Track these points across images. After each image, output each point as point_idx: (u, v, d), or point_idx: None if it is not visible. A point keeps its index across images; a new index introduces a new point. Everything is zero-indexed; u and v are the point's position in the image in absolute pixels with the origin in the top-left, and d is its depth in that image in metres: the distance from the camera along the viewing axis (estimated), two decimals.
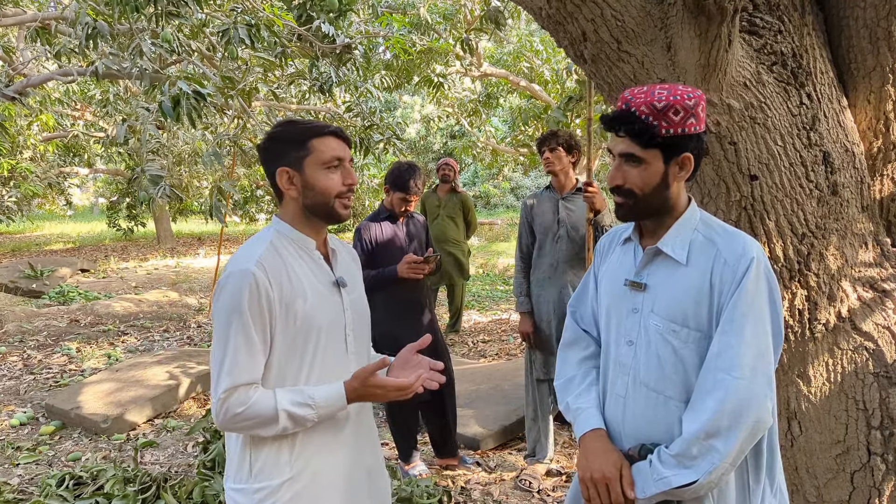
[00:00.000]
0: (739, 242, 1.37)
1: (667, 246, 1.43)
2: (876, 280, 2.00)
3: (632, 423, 1.45)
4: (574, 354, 1.66)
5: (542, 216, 3.41)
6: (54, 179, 13.39)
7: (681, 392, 1.39)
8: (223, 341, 1.46)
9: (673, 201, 1.43)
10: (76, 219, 25.06)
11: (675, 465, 1.32)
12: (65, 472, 3.07)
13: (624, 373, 1.48)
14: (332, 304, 1.59)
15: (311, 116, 7.50)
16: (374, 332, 3.38)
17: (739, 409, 1.28)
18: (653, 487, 1.34)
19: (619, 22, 1.85)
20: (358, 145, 6.42)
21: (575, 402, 1.56)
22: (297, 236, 1.59)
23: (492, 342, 6.34)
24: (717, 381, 1.31)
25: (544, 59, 10.84)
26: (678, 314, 1.39)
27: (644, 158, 1.39)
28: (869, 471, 1.89)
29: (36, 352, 6.09)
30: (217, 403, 1.45)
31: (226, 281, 1.48)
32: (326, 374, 1.56)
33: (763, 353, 1.32)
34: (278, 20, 5.19)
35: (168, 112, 4.01)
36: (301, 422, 1.48)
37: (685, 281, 1.39)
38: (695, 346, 1.38)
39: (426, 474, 3.35)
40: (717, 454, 1.29)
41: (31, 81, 5.91)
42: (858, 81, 2.08)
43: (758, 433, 1.31)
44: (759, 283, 1.34)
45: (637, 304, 1.46)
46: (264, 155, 1.60)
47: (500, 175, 24.37)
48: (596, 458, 1.42)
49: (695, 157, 1.41)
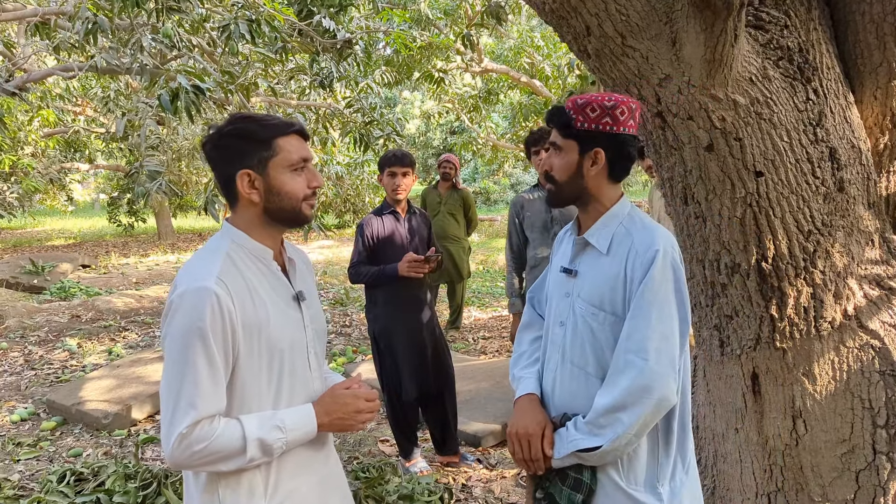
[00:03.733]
0: (650, 235, 1.51)
1: (592, 237, 1.58)
2: (882, 278, 1.98)
3: (559, 395, 1.61)
4: (528, 335, 1.84)
5: (534, 215, 3.38)
6: (55, 175, 13.38)
7: (597, 369, 1.55)
8: (181, 368, 1.28)
9: (593, 193, 1.58)
10: (77, 215, 25.06)
11: (585, 431, 1.48)
12: (66, 468, 3.07)
13: (556, 350, 1.64)
14: (294, 322, 1.46)
15: (312, 112, 7.48)
16: (373, 328, 3.40)
17: (645, 387, 1.43)
18: (565, 448, 1.51)
19: (624, 16, 1.83)
20: (358, 141, 6.40)
21: (519, 373, 1.75)
22: (253, 246, 1.43)
23: (492, 339, 6.33)
24: (626, 362, 1.46)
25: (545, 55, 10.81)
26: (597, 299, 1.54)
27: (562, 147, 1.57)
28: (874, 470, 1.88)
29: (37, 347, 6.08)
30: (175, 440, 1.27)
31: (181, 300, 1.30)
32: (295, 396, 1.45)
33: (667, 336, 1.46)
34: (279, 15, 5.16)
35: (167, 106, 3.99)
36: (269, 450, 1.35)
37: (605, 269, 1.55)
38: (610, 328, 1.52)
39: (427, 471, 3.34)
40: (621, 425, 1.44)
41: (31, 77, 5.89)
42: (865, 77, 2.06)
43: (661, 410, 1.46)
44: (665, 272, 1.47)
45: (569, 289, 1.62)
46: (218, 154, 1.42)
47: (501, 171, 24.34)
48: (524, 417, 1.59)
49: (610, 156, 1.54)
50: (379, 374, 3.44)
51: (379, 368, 3.42)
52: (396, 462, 3.41)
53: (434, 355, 3.41)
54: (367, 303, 3.44)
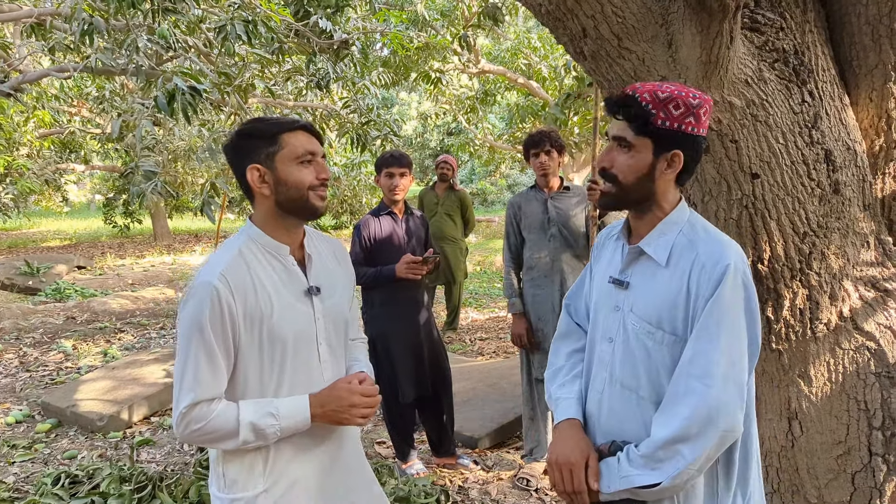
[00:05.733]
0: (719, 247, 1.35)
1: (649, 246, 1.42)
2: (878, 279, 1.99)
3: (606, 419, 1.47)
4: (565, 347, 1.68)
5: (531, 216, 3.38)
6: (51, 176, 13.32)
7: (651, 392, 1.40)
8: (185, 355, 1.44)
9: (658, 198, 1.42)
10: (73, 215, 24.99)
11: (641, 465, 1.33)
12: (60, 471, 3.06)
13: (602, 369, 1.49)
14: (302, 314, 1.54)
15: (308, 113, 7.47)
16: (370, 330, 3.39)
17: (709, 417, 1.28)
18: (617, 483, 1.35)
19: (620, 18, 1.83)
20: (355, 142, 6.39)
21: (557, 392, 1.60)
22: (268, 242, 1.54)
23: (489, 340, 6.33)
24: (688, 388, 1.31)
25: (542, 56, 10.83)
26: (654, 316, 1.39)
27: (634, 144, 1.39)
28: (870, 471, 1.88)
29: (32, 349, 6.06)
30: (178, 418, 1.44)
31: (190, 294, 1.45)
32: (297, 385, 1.53)
33: (736, 361, 1.31)
34: (275, 16, 5.16)
35: (163, 107, 3.98)
36: (263, 434, 1.46)
37: (663, 283, 1.39)
38: (668, 349, 1.37)
39: (423, 473, 3.34)
40: (682, 460, 1.29)
41: (27, 78, 5.87)
42: (860, 79, 2.07)
43: (726, 442, 1.31)
44: (736, 290, 1.32)
45: (619, 302, 1.47)
46: (233, 153, 1.55)
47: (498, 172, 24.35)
48: (565, 446, 1.44)
49: (687, 159, 1.39)
50: (375, 375, 3.42)
51: (375, 370, 3.41)
52: (393, 464, 3.40)
53: (431, 357, 3.40)
54: (364, 304, 3.43)
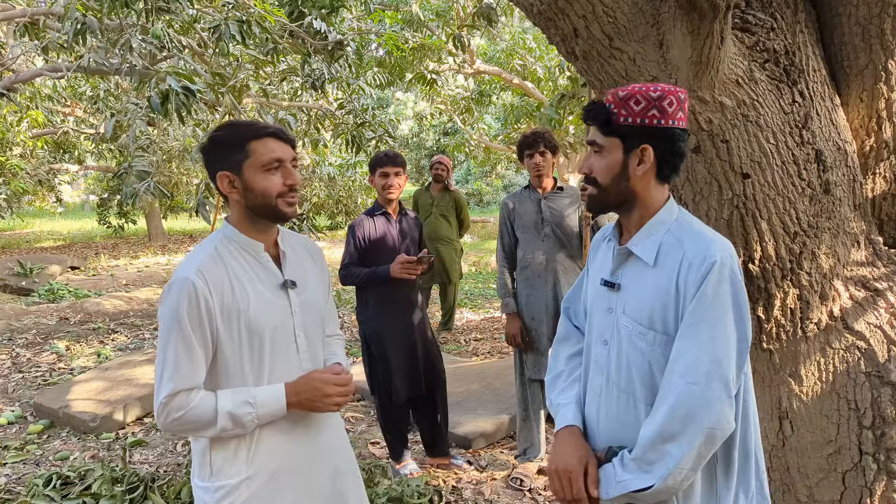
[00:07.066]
0: (705, 244, 1.34)
1: (636, 246, 1.42)
2: (868, 279, 1.99)
3: (605, 423, 1.46)
4: (564, 350, 1.68)
5: (525, 216, 3.39)
6: (44, 176, 13.26)
7: (647, 395, 1.39)
8: (164, 348, 1.49)
9: (640, 197, 1.42)
10: (66, 216, 24.88)
11: (634, 469, 1.33)
12: (52, 472, 3.04)
13: (599, 372, 1.48)
14: (279, 307, 1.60)
15: (304, 113, 7.46)
16: (364, 330, 3.38)
17: (691, 414, 1.27)
18: (614, 489, 1.35)
19: (611, 18, 1.83)
20: (350, 142, 6.39)
21: (557, 398, 1.59)
22: (243, 240, 1.60)
23: (484, 340, 6.33)
24: (670, 386, 1.31)
25: (537, 57, 10.85)
26: (645, 317, 1.38)
27: (604, 146, 1.42)
28: (860, 471, 1.88)
29: (25, 350, 6.03)
30: (159, 407, 1.48)
31: (169, 288, 1.50)
32: (278, 375, 1.59)
33: (721, 358, 1.29)
34: (270, 16, 5.15)
35: (157, 108, 3.97)
36: (240, 422, 1.50)
37: (653, 283, 1.38)
38: (661, 349, 1.36)
39: (417, 473, 3.33)
40: (671, 459, 1.28)
41: (20, 77, 5.85)
42: (851, 79, 2.07)
43: (716, 439, 1.29)
44: (722, 286, 1.30)
45: (612, 303, 1.46)
46: (205, 158, 1.60)
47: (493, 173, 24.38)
48: (564, 453, 1.44)
49: (660, 153, 1.38)
50: (368, 375, 3.42)
51: (369, 370, 3.41)
52: (386, 464, 3.40)
53: (425, 357, 3.40)
54: (359, 304, 3.42)
